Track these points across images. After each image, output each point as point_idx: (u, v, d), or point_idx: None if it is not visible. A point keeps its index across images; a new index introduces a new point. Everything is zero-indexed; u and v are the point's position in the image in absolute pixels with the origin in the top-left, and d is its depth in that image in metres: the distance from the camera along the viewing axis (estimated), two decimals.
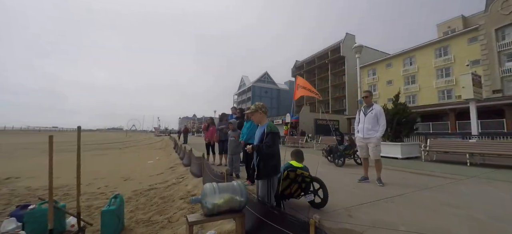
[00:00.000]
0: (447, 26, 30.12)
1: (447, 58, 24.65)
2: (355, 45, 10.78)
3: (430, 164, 6.87)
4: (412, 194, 3.53)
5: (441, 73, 25.42)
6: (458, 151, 7.06)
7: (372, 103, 4.33)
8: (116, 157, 13.05)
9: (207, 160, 5.88)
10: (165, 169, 8.49)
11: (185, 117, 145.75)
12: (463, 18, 29.05)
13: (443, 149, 7.55)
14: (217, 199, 2.07)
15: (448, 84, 24.57)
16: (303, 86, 5.79)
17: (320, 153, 9.66)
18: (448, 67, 24.66)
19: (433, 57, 26.01)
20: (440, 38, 25.97)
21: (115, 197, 3.03)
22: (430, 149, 7.65)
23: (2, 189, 5.49)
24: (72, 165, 2.80)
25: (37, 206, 2.63)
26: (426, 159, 7.59)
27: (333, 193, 3.52)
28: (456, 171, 5.47)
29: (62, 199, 4.66)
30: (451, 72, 24.37)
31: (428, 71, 26.43)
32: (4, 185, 5.96)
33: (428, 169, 5.82)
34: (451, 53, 24.39)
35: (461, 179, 4.59)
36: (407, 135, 8.74)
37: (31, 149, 14.97)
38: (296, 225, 1.61)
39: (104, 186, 6.06)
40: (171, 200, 4.49)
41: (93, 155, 13.64)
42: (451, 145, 7.56)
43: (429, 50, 26.36)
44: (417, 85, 27.49)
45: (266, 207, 2.18)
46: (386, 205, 3.00)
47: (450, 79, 24.37)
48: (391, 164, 6.82)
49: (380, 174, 4.16)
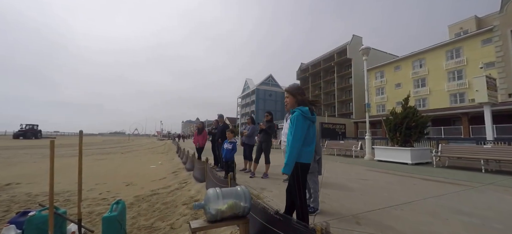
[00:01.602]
0: (459, 28, 29.75)
1: (460, 60, 24.29)
2: (362, 47, 10.75)
3: (442, 170, 6.74)
4: (423, 201, 3.46)
5: (453, 76, 25.04)
6: (472, 156, 6.91)
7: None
8: (118, 162, 13.19)
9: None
10: (167, 174, 8.54)
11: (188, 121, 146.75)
12: (477, 19, 28.68)
13: (456, 155, 7.40)
14: (221, 204, 2.07)
15: (460, 87, 24.16)
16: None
17: (325, 158, 9.59)
18: (461, 70, 24.28)
19: (444, 60, 25.67)
20: (452, 40, 25.64)
21: (117, 203, 3.04)
22: (442, 154, 7.51)
23: (2, 195, 5.50)
24: (73, 170, 2.85)
25: (37, 213, 2.62)
26: (437, 164, 7.44)
27: (340, 199, 3.49)
28: (470, 178, 5.35)
29: (63, 205, 4.70)
30: (464, 75, 23.97)
31: (439, 74, 26.07)
32: (4, 191, 5.98)
33: (440, 175, 5.71)
34: (463, 55, 24.03)
35: (475, 186, 4.49)
36: (417, 139, 8.61)
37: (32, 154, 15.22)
38: (302, 232, 1.60)
39: (106, 192, 6.11)
40: (173, 205, 4.51)
41: (95, 159, 13.82)
42: (465, 151, 7.40)
43: (440, 52, 26.04)
44: (428, 89, 27.10)
45: (270, 213, 2.18)
46: (395, 212, 2.96)
47: (462, 82, 23.98)
48: (401, 169, 6.71)
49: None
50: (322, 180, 4.84)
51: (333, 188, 4.21)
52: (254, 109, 56.20)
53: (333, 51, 45.39)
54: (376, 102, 33.16)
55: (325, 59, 47.97)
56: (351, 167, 7.09)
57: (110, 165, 11.51)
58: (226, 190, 2.23)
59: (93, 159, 13.64)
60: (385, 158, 8.78)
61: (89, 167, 10.06)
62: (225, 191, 2.20)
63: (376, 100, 33.22)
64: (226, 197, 2.13)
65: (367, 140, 10.15)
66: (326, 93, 48.19)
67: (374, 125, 28.33)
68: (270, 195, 3.65)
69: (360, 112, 37.17)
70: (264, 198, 3.37)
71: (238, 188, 2.27)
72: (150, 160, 14.30)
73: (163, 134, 78.39)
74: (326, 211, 2.93)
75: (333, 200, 3.41)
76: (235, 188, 2.28)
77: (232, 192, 2.20)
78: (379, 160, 8.93)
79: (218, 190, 2.18)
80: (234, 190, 2.24)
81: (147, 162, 12.95)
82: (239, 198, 2.16)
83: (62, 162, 11.38)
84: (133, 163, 12.89)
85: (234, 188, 2.28)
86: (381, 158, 8.95)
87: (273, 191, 3.91)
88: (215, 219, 2.07)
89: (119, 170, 10.09)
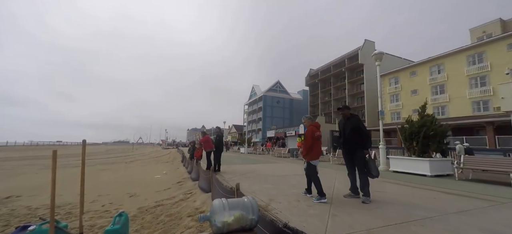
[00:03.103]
0: (482, 31, 29.12)
1: (482, 65, 23.62)
2: (375, 52, 10.68)
3: (465, 183, 6.47)
4: (446, 217, 3.32)
5: (475, 83, 24.31)
6: (500, 169, 6.61)
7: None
8: (121, 172, 13.40)
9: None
10: (172, 184, 8.60)
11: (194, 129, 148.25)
12: (502, 22, 28.03)
13: (480, 167, 7.11)
14: (227, 216, 2.07)
15: (484, 94, 23.39)
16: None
17: (336, 168, 9.41)
18: (484, 76, 23.57)
19: (465, 65, 25.03)
20: (474, 44, 25.02)
21: (119, 215, 3.05)
22: (465, 166, 7.22)
23: (1, 209, 5.53)
24: (75, 181, 2.89)
25: (37, 227, 2.60)
26: (460, 177, 7.15)
27: (353, 212, 3.40)
28: (498, 193, 5.11)
29: (64, 218, 4.78)
30: (487, 82, 23.25)
31: (460, 80, 25.39)
32: (4, 204, 6.03)
33: (463, 189, 5.48)
34: (487, 60, 23.37)
35: (504, 202, 4.27)
36: (436, 149, 8.34)
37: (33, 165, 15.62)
38: None
39: (109, 203, 6.19)
40: (178, 217, 4.52)
41: (99, 169, 14.09)
42: (491, 163, 7.09)
43: (461, 57, 25.44)
44: (447, 95, 26.38)
45: (279, 226, 2.15)
46: (415, 229, 2.85)
47: (486, 89, 23.22)
48: (419, 181, 6.49)
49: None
50: (333, 192, 4.75)
51: (345, 200, 4.11)
52: (261, 116, 56.21)
53: (344, 57, 45.22)
54: (390, 109, 32.52)
55: (335, 65, 47.79)
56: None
57: (113, 175, 11.71)
58: (232, 201, 2.23)
59: (96, 169, 13.93)
60: (401, 168, 8.53)
61: (92, 178, 10.27)
62: (232, 202, 2.20)
63: (390, 107, 32.59)
64: (233, 208, 2.12)
65: (381, 149, 9.92)
66: (336, 100, 47.72)
67: (388, 133, 27.67)
68: (279, 206, 3.60)
69: (373, 120, 36.48)
70: (272, 210, 3.32)
71: (245, 199, 2.27)
72: (155, 169, 14.47)
73: (168, 143, 79.39)
74: (338, 225, 2.86)
75: (346, 213, 3.33)
76: (242, 199, 2.27)
77: (238, 203, 2.20)
78: (394, 171, 8.68)
79: (224, 201, 2.18)
80: (241, 201, 2.23)
81: (151, 172, 13.10)
82: (246, 210, 2.15)
83: (64, 172, 11.67)
84: (137, 173, 13.07)
85: (241, 199, 2.28)
86: (396, 168, 8.70)
87: (282, 203, 3.86)
88: (221, 232, 2.06)
89: (123, 180, 10.25)
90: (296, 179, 6.45)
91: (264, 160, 14.34)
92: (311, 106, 54.87)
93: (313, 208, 3.58)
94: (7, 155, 23.72)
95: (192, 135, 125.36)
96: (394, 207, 3.80)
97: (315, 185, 4.08)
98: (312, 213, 3.32)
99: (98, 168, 14.41)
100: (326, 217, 3.14)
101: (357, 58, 41.07)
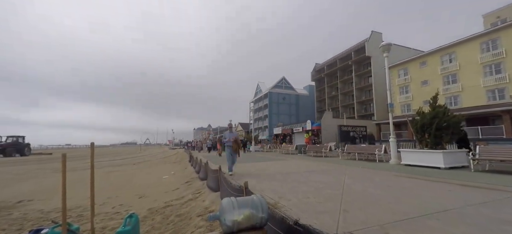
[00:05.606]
0: (496, 17, 28.16)
1: (497, 52, 22.81)
2: (383, 44, 10.46)
3: (482, 174, 6.28)
4: (462, 209, 3.24)
5: (489, 70, 23.54)
6: None
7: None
8: (130, 173, 13.66)
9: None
10: (181, 184, 8.71)
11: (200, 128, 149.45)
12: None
13: (498, 157, 6.89)
14: (237, 215, 2.07)
15: (499, 82, 22.63)
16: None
17: (345, 164, 9.31)
18: (499, 63, 22.78)
19: (478, 52, 24.24)
20: (487, 30, 24.18)
21: (130, 217, 3.09)
22: (481, 157, 7.02)
23: (14, 213, 5.69)
24: (86, 183, 2.95)
25: (50, 230, 2.66)
26: (476, 168, 6.96)
27: (365, 207, 3.35)
28: None
29: (76, 221, 4.89)
30: (503, 69, 22.47)
31: (473, 68, 24.63)
32: (16, 208, 6.19)
33: (480, 181, 5.32)
34: (501, 46, 22.56)
35: None
36: (449, 141, 8.14)
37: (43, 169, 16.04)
38: None
39: (119, 205, 6.32)
40: (188, 217, 4.57)
41: (107, 171, 14.40)
42: (509, 153, 6.87)
43: (474, 44, 24.65)
44: (459, 85, 25.66)
45: (290, 224, 2.14)
46: (430, 222, 2.78)
47: (501, 76, 22.45)
48: (433, 174, 6.35)
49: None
50: (343, 187, 4.70)
51: (356, 195, 4.06)
52: (268, 113, 56.12)
53: (350, 49, 44.57)
54: (400, 101, 31.93)
55: (342, 58, 47.18)
56: (375, 173, 6.81)
57: (122, 177, 11.94)
58: (241, 199, 2.23)
59: (105, 172, 14.23)
60: (413, 162, 8.37)
61: (101, 180, 10.50)
62: (241, 200, 2.20)
63: (400, 99, 31.99)
64: (242, 206, 2.12)
65: (391, 143, 9.76)
66: (343, 94, 47.19)
67: (398, 126, 27.20)
68: (288, 204, 3.59)
69: (382, 113, 35.91)
70: (282, 208, 3.32)
71: (253, 197, 2.27)
72: (163, 170, 14.68)
73: (175, 143, 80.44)
74: (350, 221, 2.82)
75: (357, 209, 3.29)
76: (251, 197, 2.27)
77: (247, 201, 2.20)
78: (406, 164, 8.53)
79: (233, 200, 2.18)
80: (250, 199, 2.23)
81: (159, 173, 13.30)
82: (255, 208, 2.15)
83: (74, 175, 11.96)
84: (145, 174, 13.29)
85: (250, 197, 2.28)
86: (408, 162, 8.54)
87: (291, 200, 3.84)
88: (231, 231, 2.07)
89: (132, 181, 10.44)
90: (304, 176, 6.42)
91: (272, 158, 14.34)
92: (318, 101, 54.42)
93: (323, 205, 3.56)
94: (18, 159, 24.55)
95: (198, 133, 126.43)
96: (408, 201, 3.73)
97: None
98: (322, 210, 3.29)
99: (107, 170, 14.73)
100: (337, 213, 3.11)
101: (364, 50, 40.42)
